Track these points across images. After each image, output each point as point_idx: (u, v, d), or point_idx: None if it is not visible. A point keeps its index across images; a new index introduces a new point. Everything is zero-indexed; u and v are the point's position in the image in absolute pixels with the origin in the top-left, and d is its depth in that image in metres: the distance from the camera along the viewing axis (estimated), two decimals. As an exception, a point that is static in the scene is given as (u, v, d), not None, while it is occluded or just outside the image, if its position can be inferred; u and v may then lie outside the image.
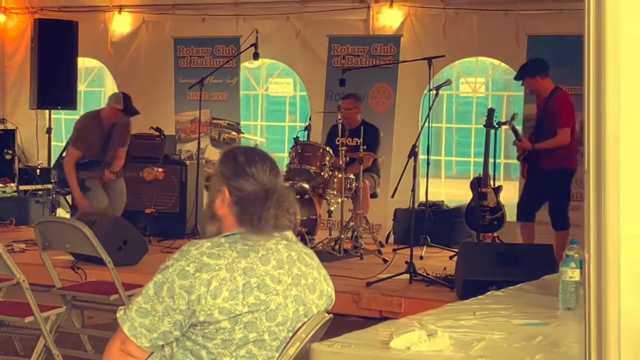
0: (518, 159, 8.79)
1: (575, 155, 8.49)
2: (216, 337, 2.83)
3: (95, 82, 13.16)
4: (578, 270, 3.78)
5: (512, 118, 8.78)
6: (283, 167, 9.83)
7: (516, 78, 8.77)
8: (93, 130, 9.32)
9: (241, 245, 2.90)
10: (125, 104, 9.20)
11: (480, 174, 9.18)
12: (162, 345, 2.89)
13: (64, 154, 9.65)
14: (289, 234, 3.03)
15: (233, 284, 2.83)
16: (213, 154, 11.03)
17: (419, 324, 3.34)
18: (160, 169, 9.12)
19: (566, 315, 3.69)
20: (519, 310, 3.75)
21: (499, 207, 9.03)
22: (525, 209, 8.63)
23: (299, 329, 2.95)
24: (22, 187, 11.64)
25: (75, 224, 5.85)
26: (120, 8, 12.15)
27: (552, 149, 8.35)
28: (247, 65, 13.45)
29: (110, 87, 13.77)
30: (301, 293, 2.96)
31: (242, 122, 11.70)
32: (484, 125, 8.86)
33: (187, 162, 10.60)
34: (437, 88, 8.62)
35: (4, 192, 11.53)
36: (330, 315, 3.14)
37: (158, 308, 2.82)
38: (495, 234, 9.02)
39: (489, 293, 4.27)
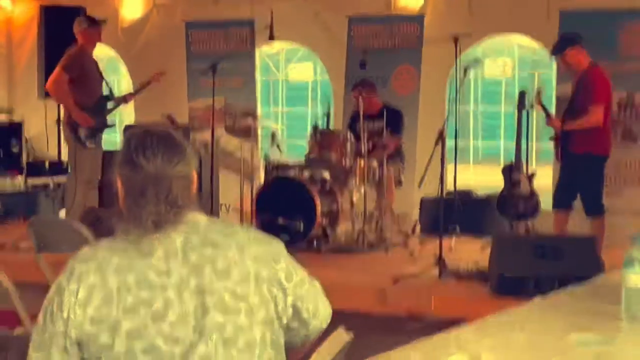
0: (552, 139, 8.15)
1: (606, 139, 7.90)
2: (101, 357, 2.31)
3: (108, 70, 12.64)
4: (645, 275, 3.21)
5: (538, 93, 8.16)
6: (303, 157, 9.32)
7: (555, 52, 8.05)
8: (89, 63, 9.17)
9: (119, 241, 2.39)
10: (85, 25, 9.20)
11: (512, 160, 8.61)
12: None
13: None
14: (188, 217, 2.44)
15: (104, 287, 2.32)
16: (229, 142, 10.53)
17: (456, 345, 2.79)
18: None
19: (634, 330, 3.12)
20: (575, 323, 3.18)
21: (533, 195, 8.47)
22: (560, 196, 8.07)
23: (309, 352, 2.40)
24: (30, 181, 11.14)
25: (72, 223, 5.33)
26: (131, -9, 11.67)
27: (583, 130, 7.74)
28: (267, 51, 12.98)
29: (124, 75, 13.29)
30: (206, 281, 2.36)
31: (261, 109, 11.15)
32: (516, 108, 8.28)
33: (202, 152, 10.06)
34: (466, 68, 8.06)
35: (12, 185, 11.04)
36: (350, 336, 2.59)
37: (46, 337, 2.37)
38: (529, 223, 8.47)
39: (536, 300, 3.67)
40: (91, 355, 2.33)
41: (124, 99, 9.76)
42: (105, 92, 9.39)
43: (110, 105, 9.43)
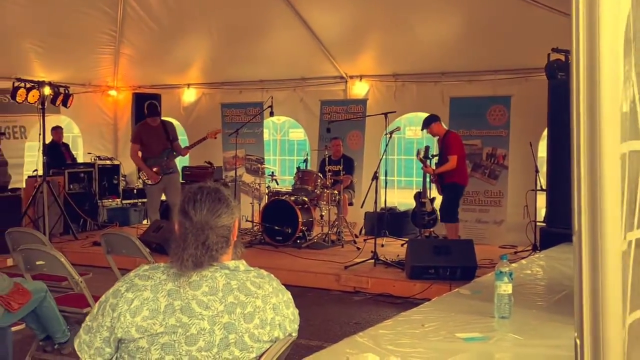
0: (431, 181, 7.62)
1: (464, 174, 7.39)
2: (135, 356, 1.72)
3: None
4: (511, 285, 2.60)
5: (418, 152, 7.60)
6: (291, 187, 8.69)
7: (423, 127, 7.54)
8: (148, 132, 8.27)
9: (175, 270, 1.77)
10: (148, 111, 8.35)
11: (420, 189, 8.01)
12: None
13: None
14: (232, 263, 1.81)
15: (155, 304, 1.72)
16: (247, 178, 9.89)
17: (375, 346, 2.16)
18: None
19: (502, 325, 2.51)
20: (461, 320, 2.56)
21: (433, 212, 7.86)
22: (446, 213, 7.45)
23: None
24: (125, 201, 10.47)
25: (130, 237, 4.68)
26: (189, 85, 11.03)
27: (448, 170, 7.25)
28: (274, 120, 12.38)
29: (182, 136, 12.61)
30: (234, 321, 1.75)
31: (265, 157, 10.53)
32: (423, 157, 7.69)
33: (230, 184, 9.43)
34: (391, 133, 7.48)
35: (114, 204, 10.36)
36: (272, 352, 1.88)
37: (94, 325, 1.78)
38: (431, 230, 7.85)
39: (435, 300, 3.06)
40: (130, 351, 1.74)
41: (181, 152, 8.75)
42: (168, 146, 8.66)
43: (171, 155, 8.70)
